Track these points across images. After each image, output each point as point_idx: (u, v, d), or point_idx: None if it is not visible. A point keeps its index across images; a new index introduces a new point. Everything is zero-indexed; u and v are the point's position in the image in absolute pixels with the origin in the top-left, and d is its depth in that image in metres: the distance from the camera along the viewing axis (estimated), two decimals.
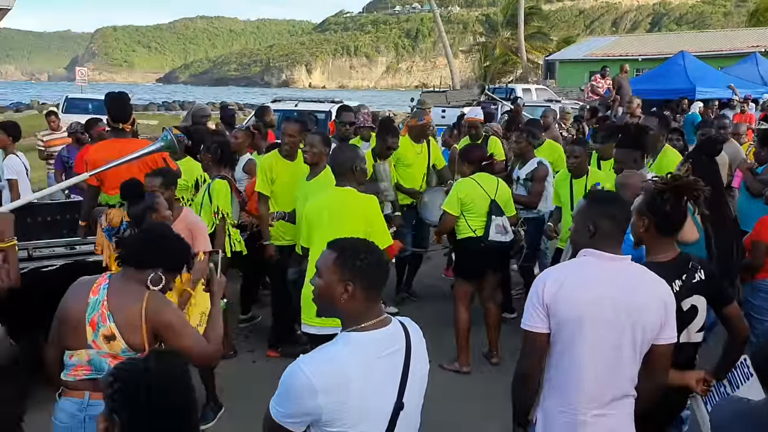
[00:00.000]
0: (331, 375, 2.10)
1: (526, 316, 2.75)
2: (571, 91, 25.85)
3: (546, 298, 2.69)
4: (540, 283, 2.74)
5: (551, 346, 2.75)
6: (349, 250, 2.26)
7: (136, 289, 2.87)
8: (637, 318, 2.69)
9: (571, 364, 2.71)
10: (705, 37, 39.73)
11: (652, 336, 2.73)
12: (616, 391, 2.73)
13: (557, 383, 2.76)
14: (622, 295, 2.69)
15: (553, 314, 2.69)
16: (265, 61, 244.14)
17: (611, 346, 2.69)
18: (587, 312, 2.66)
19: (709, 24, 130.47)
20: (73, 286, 2.95)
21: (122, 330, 2.78)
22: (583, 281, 2.71)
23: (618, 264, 2.76)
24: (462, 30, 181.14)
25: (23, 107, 38.28)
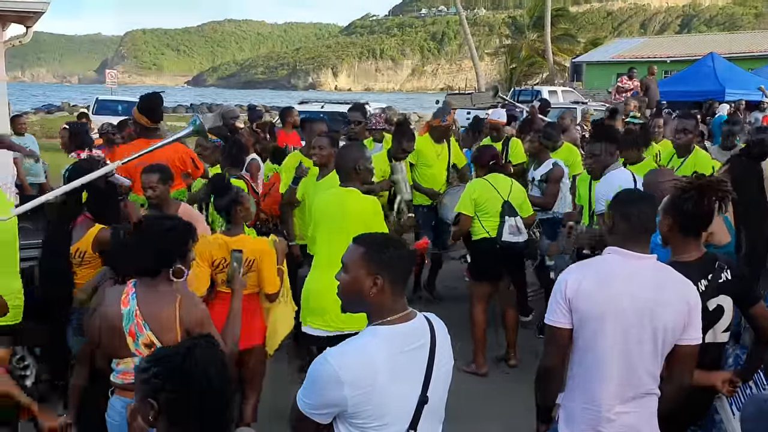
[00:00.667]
0: (357, 367, 2.13)
1: (550, 311, 2.79)
2: (598, 93, 25.65)
3: (568, 293, 2.72)
4: (563, 278, 2.77)
5: (574, 342, 2.77)
6: (377, 244, 2.30)
7: (164, 293, 2.91)
8: (659, 316, 2.69)
9: (594, 360, 2.72)
10: (735, 38, 39.13)
11: (674, 336, 2.73)
12: (638, 388, 2.73)
13: (580, 380, 2.78)
14: (643, 293, 2.69)
15: (575, 310, 2.71)
16: (291, 64, 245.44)
17: (633, 343, 2.69)
18: (608, 309, 2.68)
19: (739, 26, 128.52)
20: (108, 295, 2.96)
21: (159, 335, 2.83)
22: (605, 278, 2.73)
23: (642, 262, 2.76)
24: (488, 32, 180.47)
25: (54, 109, 38.85)
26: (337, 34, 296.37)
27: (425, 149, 7.05)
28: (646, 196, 3.02)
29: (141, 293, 2.88)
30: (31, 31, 8.01)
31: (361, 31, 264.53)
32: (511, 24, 54.37)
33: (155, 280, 2.91)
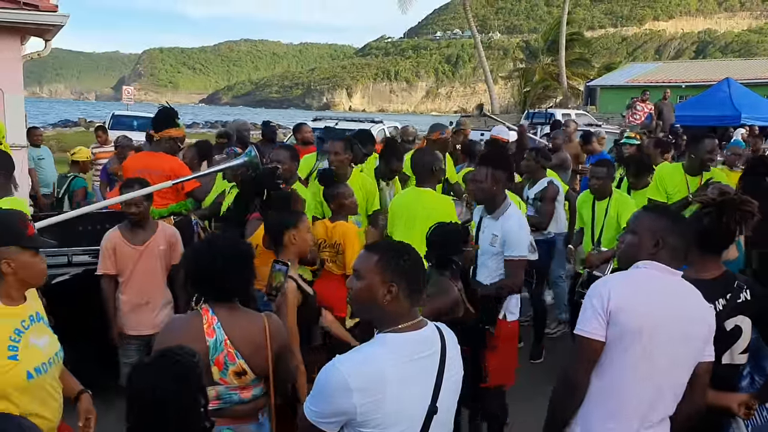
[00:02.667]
0: (366, 374, 2.10)
1: (585, 322, 2.62)
2: (612, 117, 25.60)
3: (611, 306, 2.57)
4: (604, 290, 2.61)
5: (602, 356, 2.63)
6: (391, 251, 2.27)
7: (251, 316, 2.79)
8: (692, 334, 2.63)
9: (620, 377, 2.62)
10: (751, 64, 39.04)
11: (698, 355, 2.67)
12: (663, 410, 2.66)
13: (601, 396, 2.66)
14: (681, 311, 2.63)
15: (615, 323, 2.58)
16: (306, 84, 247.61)
17: (664, 362, 2.60)
18: (646, 324, 2.57)
19: (755, 53, 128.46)
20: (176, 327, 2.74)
21: (250, 362, 2.70)
22: (648, 294, 2.62)
23: (675, 279, 2.69)
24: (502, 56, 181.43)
25: (71, 124, 39.38)
26: (352, 55, 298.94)
27: None
28: (675, 215, 2.85)
29: (225, 319, 2.69)
30: (50, 44, 8.09)
31: (376, 53, 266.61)
32: (525, 48, 54.51)
33: (234, 303, 2.77)
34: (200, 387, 2.12)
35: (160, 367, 2.06)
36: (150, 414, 2.00)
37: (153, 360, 2.10)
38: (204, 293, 2.73)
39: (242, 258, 2.75)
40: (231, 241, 2.81)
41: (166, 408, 2.00)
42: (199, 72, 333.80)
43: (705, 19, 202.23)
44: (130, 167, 5.64)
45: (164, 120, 5.79)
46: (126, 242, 4.62)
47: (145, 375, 2.05)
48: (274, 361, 2.75)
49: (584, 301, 2.69)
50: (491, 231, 4.31)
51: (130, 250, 4.61)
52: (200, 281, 2.73)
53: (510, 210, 4.34)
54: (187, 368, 2.08)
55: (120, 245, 4.61)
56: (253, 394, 2.74)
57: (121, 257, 4.62)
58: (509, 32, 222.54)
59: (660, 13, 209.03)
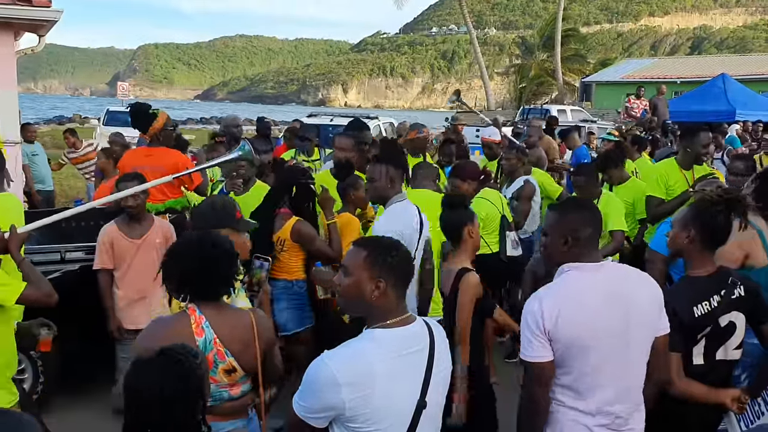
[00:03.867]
0: (354, 369, 2.10)
1: (527, 347, 2.59)
2: (607, 113, 25.65)
3: (547, 325, 2.54)
4: (536, 310, 2.57)
5: (558, 367, 2.61)
6: (379, 247, 2.28)
7: (238, 314, 2.78)
8: (637, 319, 2.61)
9: (581, 381, 2.60)
10: (746, 60, 39.16)
11: (653, 331, 2.67)
12: (632, 393, 2.66)
13: (572, 396, 2.64)
14: (622, 301, 2.60)
15: (557, 340, 2.55)
16: (301, 80, 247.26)
17: (620, 355, 2.60)
18: (591, 330, 2.55)
19: (750, 49, 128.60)
20: (163, 327, 2.68)
21: (240, 360, 2.69)
22: (581, 300, 2.58)
23: (605, 270, 2.66)
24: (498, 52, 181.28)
25: (65, 120, 39.23)
26: (347, 51, 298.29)
27: None
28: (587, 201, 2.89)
29: (213, 318, 2.66)
30: (43, 40, 8.05)
31: (371, 49, 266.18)
32: (521, 44, 54.46)
33: (220, 301, 2.75)
34: (202, 386, 2.12)
35: (164, 365, 2.06)
36: (153, 413, 2.00)
37: (155, 358, 2.09)
38: (189, 292, 2.69)
39: (225, 256, 2.72)
40: (213, 238, 2.77)
41: (173, 407, 2.00)
42: (194, 68, 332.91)
43: (700, 15, 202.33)
44: (127, 164, 5.59)
45: (144, 118, 5.74)
46: (123, 236, 4.61)
47: (147, 373, 2.04)
48: (263, 356, 2.75)
49: (521, 322, 2.64)
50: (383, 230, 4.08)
51: (127, 244, 4.61)
52: (185, 281, 2.70)
53: (394, 205, 4.16)
54: (190, 367, 2.09)
55: (117, 239, 4.61)
56: (242, 390, 2.74)
57: (119, 251, 4.61)
58: (505, 28, 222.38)
59: (655, 9, 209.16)
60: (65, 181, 14.67)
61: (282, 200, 4.73)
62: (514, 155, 6.68)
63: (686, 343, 2.93)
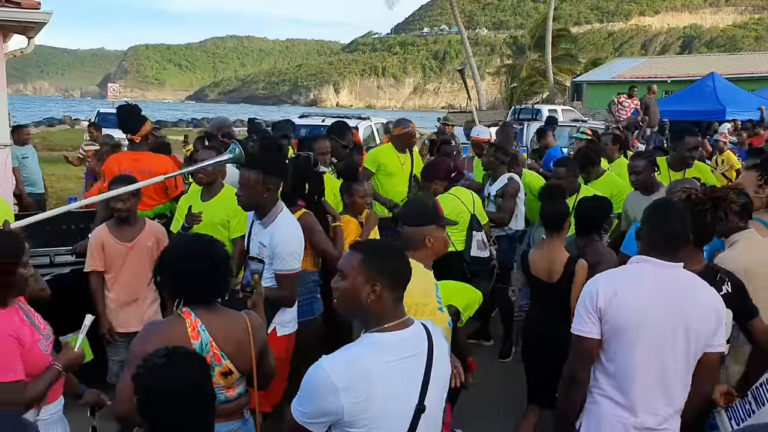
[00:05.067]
0: (352, 374, 2.09)
1: (578, 320, 2.73)
2: (598, 113, 25.71)
3: (600, 303, 2.66)
4: (593, 288, 2.72)
5: (602, 352, 2.73)
6: (375, 251, 2.27)
7: (233, 316, 2.77)
8: (693, 325, 2.65)
9: (625, 372, 2.68)
10: (735, 59, 39.33)
11: (704, 344, 2.70)
12: (672, 404, 2.70)
13: (609, 390, 2.73)
14: (676, 303, 2.65)
15: (607, 321, 2.66)
16: (293, 80, 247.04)
17: (668, 354, 2.65)
18: (645, 319, 2.63)
19: (740, 48, 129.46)
20: (158, 331, 2.63)
21: (235, 362, 2.68)
22: (638, 288, 2.68)
23: (671, 271, 2.71)
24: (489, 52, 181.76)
25: (56, 122, 39.07)
26: (339, 51, 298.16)
27: (389, 158, 6.80)
28: (678, 206, 2.91)
29: (208, 321, 2.65)
30: (33, 42, 8.00)
31: (363, 49, 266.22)
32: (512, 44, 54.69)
33: (214, 304, 2.73)
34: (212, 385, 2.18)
35: (178, 364, 2.08)
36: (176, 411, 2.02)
37: (165, 359, 2.10)
38: (184, 296, 2.68)
39: (219, 259, 2.71)
40: (206, 241, 2.76)
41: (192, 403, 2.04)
42: (185, 69, 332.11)
43: (690, 14, 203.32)
44: (114, 168, 5.51)
45: (136, 119, 5.66)
46: (114, 239, 4.58)
47: (163, 373, 2.05)
48: (257, 358, 2.74)
49: (579, 300, 2.78)
50: (259, 239, 3.87)
51: (119, 247, 4.58)
52: (179, 284, 2.69)
53: (280, 219, 3.87)
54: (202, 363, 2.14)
55: (108, 242, 4.58)
56: (238, 392, 2.75)
57: (110, 254, 4.58)
58: (496, 28, 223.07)
59: (646, 8, 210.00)
60: (57, 183, 14.62)
61: (297, 193, 4.71)
62: (493, 153, 6.68)
63: None
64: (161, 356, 2.10)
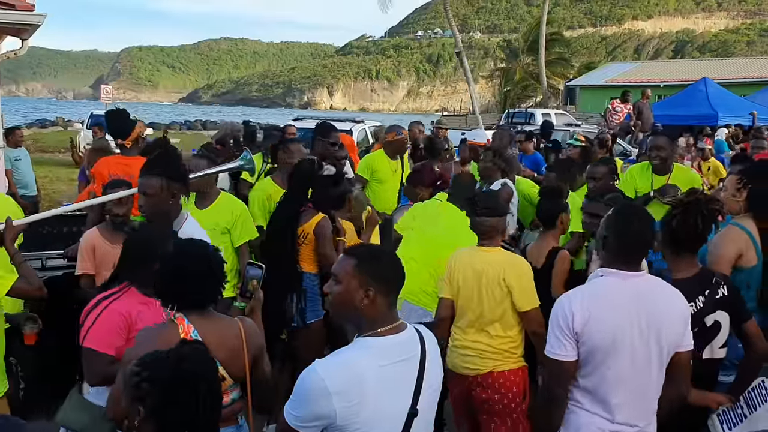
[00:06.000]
0: (345, 377, 2.10)
1: (554, 345, 2.71)
2: (591, 117, 25.82)
3: (576, 326, 2.66)
4: (566, 310, 2.69)
5: (578, 370, 2.73)
6: (368, 255, 2.28)
7: (226, 322, 2.75)
8: (663, 331, 2.69)
9: (601, 385, 2.70)
10: (728, 64, 39.63)
11: (675, 347, 2.74)
12: (647, 413, 2.74)
13: (589, 401, 2.74)
14: (647, 313, 2.68)
15: (584, 342, 2.67)
16: (287, 83, 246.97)
17: (642, 364, 2.69)
18: (619, 335, 2.65)
19: (732, 53, 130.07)
20: (151, 337, 2.59)
21: (229, 368, 2.66)
22: (610, 306, 2.68)
23: (637, 281, 2.74)
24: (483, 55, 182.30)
25: (49, 124, 38.91)
26: (333, 54, 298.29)
27: (380, 165, 6.80)
28: (640, 212, 2.91)
29: (201, 327, 2.63)
30: (26, 44, 7.98)
31: (357, 52, 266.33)
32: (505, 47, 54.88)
33: (207, 309, 2.71)
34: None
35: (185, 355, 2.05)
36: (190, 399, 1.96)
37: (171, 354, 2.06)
38: (177, 302, 2.67)
39: (214, 264, 2.70)
40: (200, 247, 2.74)
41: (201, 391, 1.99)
42: (179, 70, 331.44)
43: (683, 18, 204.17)
44: (103, 172, 5.41)
45: (125, 123, 5.60)
46: (105, 242, 4.56)
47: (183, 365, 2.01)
48: (251, 364, 2.73)
49: (551, 319, 2.76)
50: None
51: (110, 250, 4.54)
52: (173, 290, 2.67)
53: (186, 227, 3.61)
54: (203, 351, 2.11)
55: (100, 245, 4.55)
56: (232, 398, 2.73)
57: (101, 257, 4.55)
58: (489, 32, 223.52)
59: (639, 12, 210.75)
60: (49, 185, 14.57)
61: (304, 198, 4.72)
62: (489, 159, 6.67)
63: None
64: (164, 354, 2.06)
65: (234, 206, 4.79)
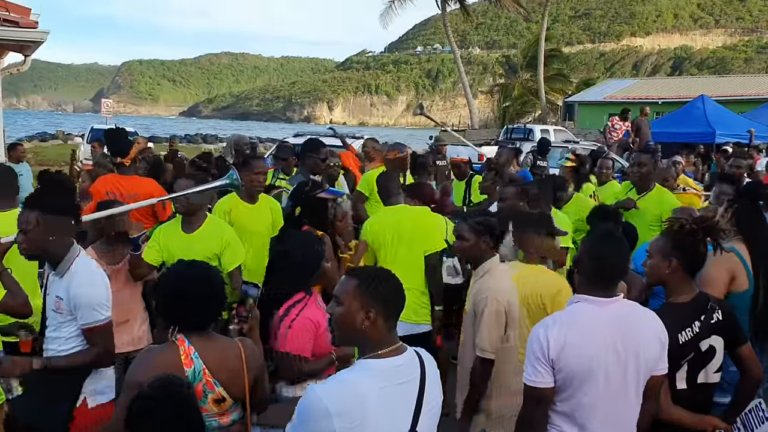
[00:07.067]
0: (345, 399, 2.12)
1: (531, 372, 2.72)
2: (590, 133, 25.89)
3: (551, 353, 2.67)
4: (541, 338, 2.70)
5: (556, 395, 2.75)
6: (370, 277, 2.31)
7: (226, 343, 2.77)
8: (640, 356, 2.73)
9: (579, 407, 2.72)
10: (725, 81, 39.76)
11: (651, 370, 2.78)
12: (627, 428, 2.77)
13: (569, 425, 2.76)
14: (624, 340, 2.71)
15: (560, 369, 2.69)
16: (287, 97, 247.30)
17: (619, 390, 2.72)
18: (594, 362, 2.68)
19: (730, 69, 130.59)
20: (153, 359, 2.64)
21: (229, 389, 2.69)
22: (586, 334, 2.70)
23: (613, 307, 2.75)
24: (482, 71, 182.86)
25: (48, 137, 39.01)
26: (333, 69, 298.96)
27: None
28: (615, 238, 2.90)
29: (202, 348, 2.67)
30: (29, 59, 8.06)
31: (357, 67, 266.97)
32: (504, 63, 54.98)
33: (208, 330, 2.74)
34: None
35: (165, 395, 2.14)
36: None
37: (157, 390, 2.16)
38: (178, 324, 2.70)
39: (215, 285, 2.74)
40: (201, 269, 2.78)
41: None
42: (179, 84, 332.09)
43: (681, 35, 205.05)
44: (101, 190, 5.53)
45: (124, 142, 5.67)
46: (101, 262, 4.56)
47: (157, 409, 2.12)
48: (251, 385, 2.76)
49: (527, 347, 2.77)
50: (56, 293, 3.31)
51: (106, 270, 4.56)
52: (174, 312, 2.71)
53: (77, 265, 3.30)
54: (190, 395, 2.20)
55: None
56: (232, 419, 2.76)
57: None
58: (489, 47, 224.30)
59: (637, 29, 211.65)
60: None
61: (298, 221, 4.71)
62: (490, 177, 6.70)
63: (670, 368, 2.99)
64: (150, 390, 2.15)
65: (222, 231, 4.65)
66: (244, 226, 5.10)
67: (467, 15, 41.03)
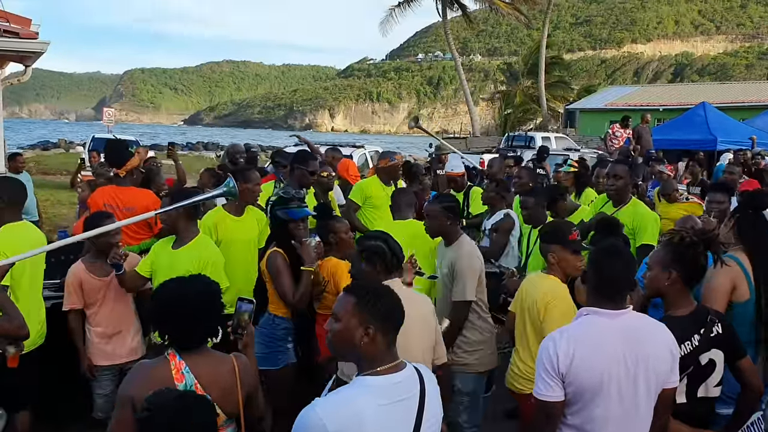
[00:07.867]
0: (344, 417, 2.10)
1: (541, 386, 2.70)
2: (591, 140, 25.89)
3: (561, 367, 2.66)
4: (551, 352, 2.68)
5: (566, 408, 2.73)
6: (368, 293, 2.29)
7: (219, 359, 2.74)
8: (651, 369, 2.70)
9: (590, 421, 2.71)
10: (727, 88, 39.78)
11: (663, 383, 2.75)
12: None
13: None
14: (634, 353, 2.69)
15: (570, 383, 2.67)
16: (288, 105, 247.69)
17: (630, 403, 2.69)
18: (606, 375, 2.66)
19: (731, 76, 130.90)
20: (144, 374, 2.63)
21: (222, 404, 2.65)
22: (596, 348, 2.68)
23: (623, 319, 2.74)
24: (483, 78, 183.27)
25: (51, 146, 39.05)
26: (334, 77, 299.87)
27: (374, 191, 6.78)
28: (622, 251, 2.90)
29: (194, 364, 2.65)
30: (30, 70, 8.07)
31: (358, 74, 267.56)
32: (506, 70, 55.06)
33: (202, 347, 2.72)
34: None
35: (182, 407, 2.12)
36: None
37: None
38: (171, 338, 2.68)
39: (211, 300, 2.72)
40: (198, 284, 2.75)
41: None
42: (181, 92, 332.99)
43: (682, 42, 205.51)
44: (98, 202, 5.55)
45: (121, 153, 5.70)
46: (91, 276, 4.53)
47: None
48: (245, 401, 2.73)
49: (537, 360, 2.76)
50: None
51: (97, 283, 4.53)
52: (166, 327, 2.69)
53: None
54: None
55: (86, 279, 4.52)
56: None
57: (89, 291, 4.52)
58: (490, 55, 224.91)
59: (638, 36, 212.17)
60: (51, 208, 14.60)
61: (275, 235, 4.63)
62: (494, 189, 6.67)
63: None
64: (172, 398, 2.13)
65: (206, 251, 4.50)
66: (232, 238, 5.08)
67: (468, 22, 41.14)
